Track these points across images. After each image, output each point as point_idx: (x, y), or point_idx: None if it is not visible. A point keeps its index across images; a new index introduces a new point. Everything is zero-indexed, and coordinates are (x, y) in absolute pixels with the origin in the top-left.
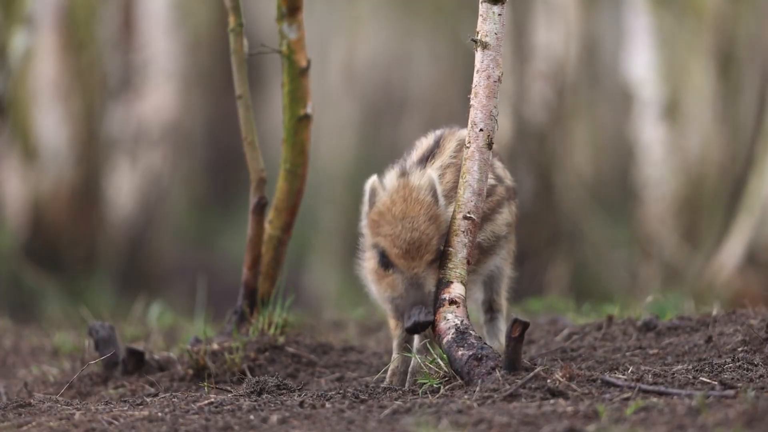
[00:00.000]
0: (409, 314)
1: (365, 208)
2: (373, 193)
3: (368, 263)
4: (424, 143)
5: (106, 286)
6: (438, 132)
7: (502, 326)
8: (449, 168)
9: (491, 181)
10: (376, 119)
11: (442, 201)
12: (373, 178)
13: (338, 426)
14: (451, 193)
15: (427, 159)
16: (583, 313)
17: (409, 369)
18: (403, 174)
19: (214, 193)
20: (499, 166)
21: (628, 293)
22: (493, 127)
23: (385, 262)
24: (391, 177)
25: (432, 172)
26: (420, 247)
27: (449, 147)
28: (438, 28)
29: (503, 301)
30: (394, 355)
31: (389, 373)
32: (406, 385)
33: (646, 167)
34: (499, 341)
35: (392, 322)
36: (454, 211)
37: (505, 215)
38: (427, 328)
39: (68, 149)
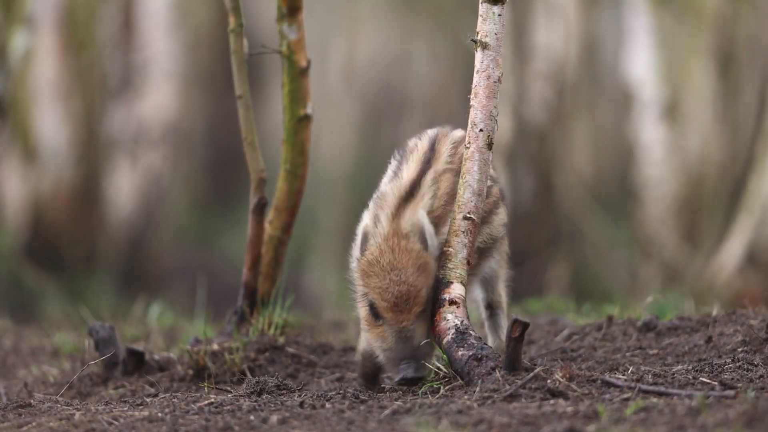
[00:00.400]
0: (398, 369)
1: (356, 252)
2: (365, 238)
3: (361, 311)
4: (419, 147)
5: (106, 286)
6: (431, 133)
7: (503, 322)
8: (445, 174)
9: (489, 182)
10: (376, 119)
11: (432, 243)
12: (366, 223)
13: (338, 426)
14: (448, 199)
15: (423, 172)
16: (583, 314)
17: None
18: (395, 216)
19: (214, 193)
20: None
21: (628, 293)
22: (493, 127)
23: (375, 313)
24: (384, 220)
25: (422, 214)
26: (408, 300)
27: (444, 151)
28: (438, 28)
29: (503, 299)
30: (358, 356)
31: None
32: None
33: (646, 167)
34: (499, 338)
35: (363, 326)
36: (454, 211)
37: (501, 215)
38: (418, 383)
39: (68, 149)
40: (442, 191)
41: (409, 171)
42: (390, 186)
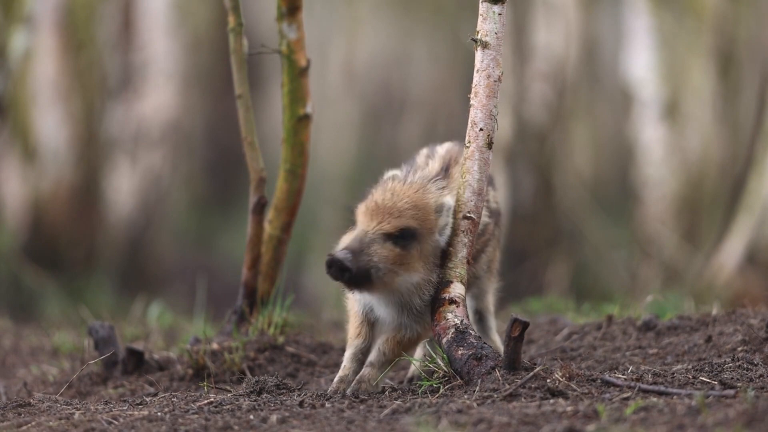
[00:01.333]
0: (335, 249)
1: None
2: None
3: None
4: (430, 167)
5: (105, 286)
6: (443, 153)
7: (492, 324)
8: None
9: (485, 218)
10: (375, 119)
11: (446, 221)
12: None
13: (338, 426)
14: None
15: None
16: (582, 313)
17: (358, 377)
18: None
19: (214, 193)
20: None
21: (628, 293)
22: (493, 126)
23: (352, 222)
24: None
25: (450, 199)
26: (385, 211)
27: (456, 174)
28: (438, 28)
29: (491, 306)
30: (345, 363)
31: (337, 379)
32: (349, 391)
33: (646, 167)
34: (490, 338)
35: (351, 330)
36: (455, 211)
37: (489, 253)
38: (344, 275)
39: (68, 149)
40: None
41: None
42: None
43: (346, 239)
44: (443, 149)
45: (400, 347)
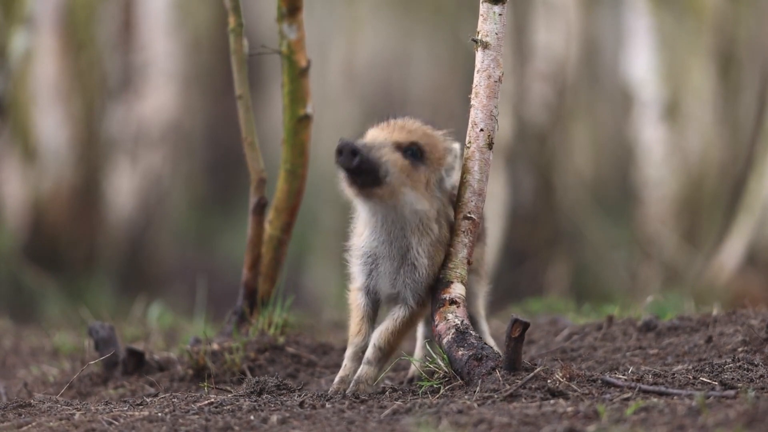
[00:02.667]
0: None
1: None
2: None
3: None
4: None
5: (105, 287)
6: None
7: (484, 327)
8: None
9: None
10: (376, 119)
11: (452, 160)
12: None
13: (338, 426)
14: None
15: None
16: (583, 314)
17: (355, 377)
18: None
19: (214, 193)
20: None
21: (628, 293)
22: (493, 126)
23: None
24: None
25: (458, 146)
26: (397, 126)
27: None
28: (438, 28)
29: (481, 310)
30: (346, 363)
31: (337, 379)
32: (348, 391)
33: (646, 168)
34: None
35: (352, 327)
36: (455, 211)
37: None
38: (353, 160)
39: (68, 150)
40: None
41: None
42: None
43: (360, 139)
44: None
45: (394, 337)
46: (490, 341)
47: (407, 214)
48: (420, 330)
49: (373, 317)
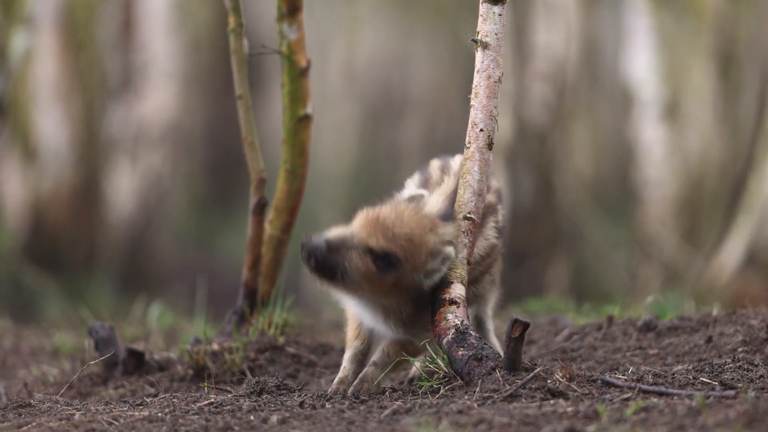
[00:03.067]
0: (317, 234)
1: None
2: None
3: None
4: (446, 184)
5: (106, 287)
6: (457, 168)
7: (490, 326)
8: None
9: (492, 239)
10: (376, 119)
11: (437, 266)
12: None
13: (338, 426)
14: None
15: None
16: (583, 314)
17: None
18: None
19: (214, 193)
20: (499, 210)
21: (628, 293)
22: (493, 127)
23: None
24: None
25: (450, 250)
26: (379, 228)
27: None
28: (438, 28)
29: (489, 311)
30: (345, 365)
31: (336, 380)
32: (351, 390)
33: (646, 168)
34: (489, 341)
35: (349, 333)
36: (455, 212)
37: (492, 273)
38: (310, 262)
39: (68, 150)
40: None
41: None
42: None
43: (335, 231)
44: (456, 164)
45: (403, 348)
46: (495, 340)
47: (364, 305)
48: None
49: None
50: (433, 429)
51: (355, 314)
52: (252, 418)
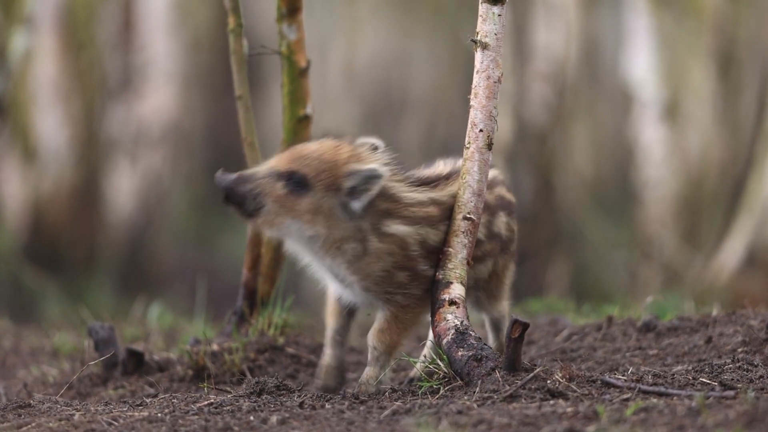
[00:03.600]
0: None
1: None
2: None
3: None
4: (440, 169)
5: (105, 287)
6: (459, 165)
7: (504, 325)
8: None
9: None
10: (376, 119)
11: (355, 183)
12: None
13: (338, 427)
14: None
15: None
16: (583, 314)
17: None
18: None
19: (214, 193)
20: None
21: (628, 294)
22: (492, 127)
23: None
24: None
25: (371, 167)
26: (289, 155)
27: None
28: (438, 28)
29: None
30: (325, 349)
31: (319, 367)
32: (350, 393)
33: (646, 168)
34: (499, 339)
35: (327, 310)
36: (454, 212)
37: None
38: (222, 195)
39: (68, 150)
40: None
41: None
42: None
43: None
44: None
45: (385, 335)
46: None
47: (300, 240)
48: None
49: (345, 303)
50: (432, 429)
51: (331, 290)
52: (252, 418)
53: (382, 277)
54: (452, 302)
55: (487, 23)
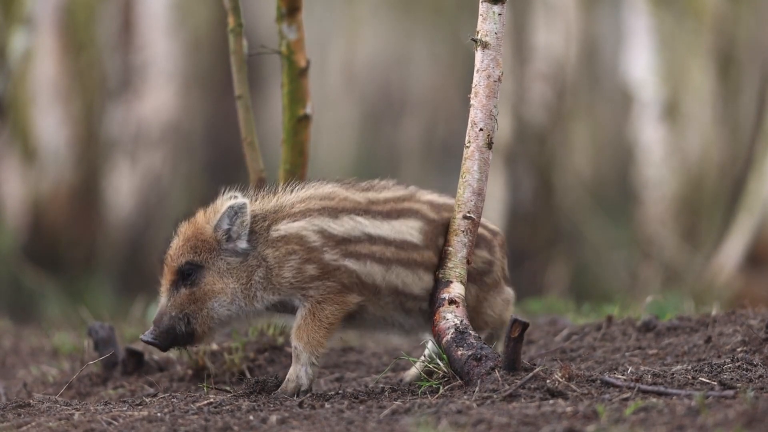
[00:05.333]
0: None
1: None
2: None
3: None
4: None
5: (105, 287)
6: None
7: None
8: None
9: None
10: (375, 119)
11: (226, 226)
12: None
13: (337, 426)
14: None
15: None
16: (582, 314)
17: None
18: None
19: (214, 193)
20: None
21: (628, 293)
22: (493, 126)
23: None
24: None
25: (230, 202)
26: (166, 266)
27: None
28: (438, 28)
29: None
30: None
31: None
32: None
33: (646, 168)
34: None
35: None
36: (455, 211)
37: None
38: (153, 340)
39: (68, 150)
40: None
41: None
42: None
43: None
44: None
45: (302, 331)
46: None
47: (229, 310)
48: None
49: None
50: (432, 429)
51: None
52: (251, 418)
53: (294, 277)
54: (452, 301)
55: (488, 22)
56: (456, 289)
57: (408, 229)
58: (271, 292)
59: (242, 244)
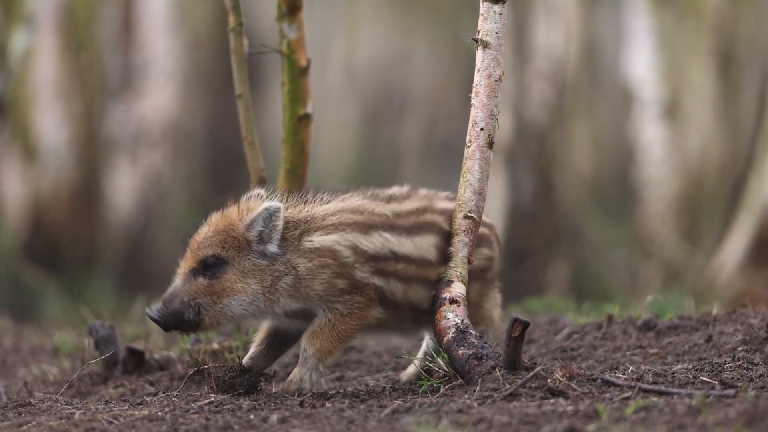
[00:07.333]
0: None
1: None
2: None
3: None
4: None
5: (105, 286)
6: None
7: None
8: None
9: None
10: (376, 119)
11: (259, 229)
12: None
13: (338, 425)
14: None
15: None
16: (583, 313)
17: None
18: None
19: (214, 192)
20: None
21: (629, 293)
22: (493, 126)
23: None
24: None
25: (266, 205)
26: (190, 251)
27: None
28: (438, 28)
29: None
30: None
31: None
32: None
33: (646, 167)
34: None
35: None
36: (455, 210)
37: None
38: (161, 327)
39: (68, 149)
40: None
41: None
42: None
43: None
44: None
45: (317, 338)
46: None
47: (247, 311)
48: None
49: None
50: (433, 428)
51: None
52: (252, 417)
53: (325, 290)
54: (453, 300)
55: (489, 22)
56: (457, 289)
57: (427, 247)
58: (296, 300)
59: (272, 248)
